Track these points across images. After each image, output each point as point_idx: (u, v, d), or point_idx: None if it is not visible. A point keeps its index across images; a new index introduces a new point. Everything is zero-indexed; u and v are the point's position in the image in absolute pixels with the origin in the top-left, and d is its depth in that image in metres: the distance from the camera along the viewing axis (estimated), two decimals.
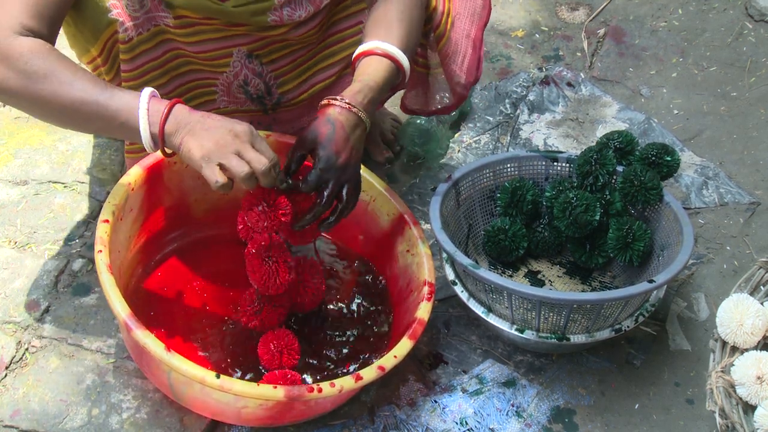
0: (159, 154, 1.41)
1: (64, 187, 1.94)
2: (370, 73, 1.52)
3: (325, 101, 1.48)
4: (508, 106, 2.26)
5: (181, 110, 1.38)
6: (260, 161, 1.35)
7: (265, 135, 1.69)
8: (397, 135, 2.12)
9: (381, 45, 1.53)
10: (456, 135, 2.18)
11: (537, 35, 2.47)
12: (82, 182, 1.94)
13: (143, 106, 1.36)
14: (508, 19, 2.50)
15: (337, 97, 1.47)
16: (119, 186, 1.58)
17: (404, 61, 1.55)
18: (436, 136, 2.10)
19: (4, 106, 2.08)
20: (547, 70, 2.34)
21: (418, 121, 2.09)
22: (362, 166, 1.74)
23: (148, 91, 1.38)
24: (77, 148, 2.01)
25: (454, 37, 1.78)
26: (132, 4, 1.51)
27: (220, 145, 1.34)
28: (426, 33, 1.78)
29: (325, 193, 1.46)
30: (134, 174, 1.60)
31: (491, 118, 2.23)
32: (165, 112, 1.36)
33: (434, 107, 1.93)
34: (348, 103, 1.47)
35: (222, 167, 1.34)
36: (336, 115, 1.46)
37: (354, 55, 1.57)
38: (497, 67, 2.37)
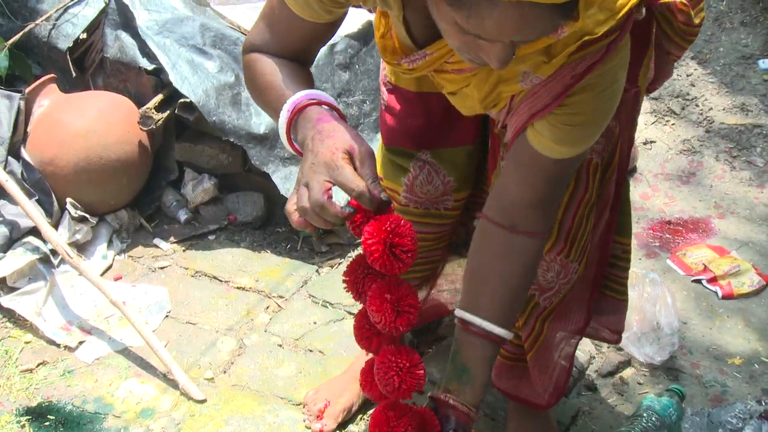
0: None
1: None
2: (478, 365, 1.52)
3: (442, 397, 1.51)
4: None
5: (305, 121, 1.30)
6: (314, 198, 1.22)
7: None
8: None
9: (486, 326, 1.51)
10: None
11: (756, 365, 2.36)
12: None
13: (284, 115, 1.34)
14: (724, 344, 2.42)
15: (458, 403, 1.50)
16: None
17: (507, 337, 1.55)
18: None
19: (225, 372, 2.24)
20: (766, 404, 2.20)
21: None
22: None
23: (296, 98, 1.33)
24: (284, 422, 2.09)
25: (545, 355, 1.85)
26: None
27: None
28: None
29: None
30: None
31: None
32: (288, 120, 1.33)
33: (522, 396, 1.94)
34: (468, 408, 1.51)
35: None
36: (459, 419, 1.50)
37: (456, 318, 1.56)
38: (710, 393, 2.26)
